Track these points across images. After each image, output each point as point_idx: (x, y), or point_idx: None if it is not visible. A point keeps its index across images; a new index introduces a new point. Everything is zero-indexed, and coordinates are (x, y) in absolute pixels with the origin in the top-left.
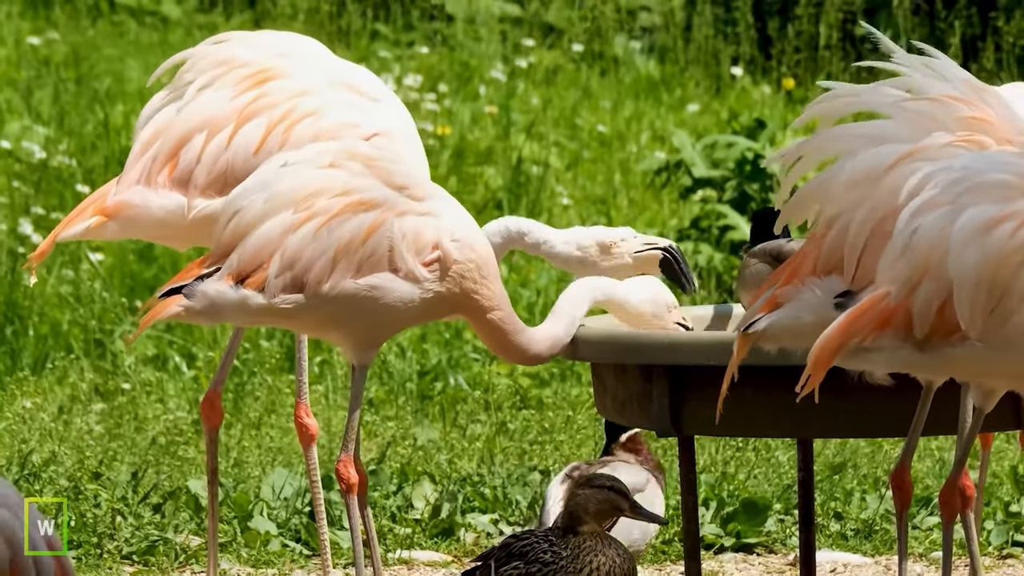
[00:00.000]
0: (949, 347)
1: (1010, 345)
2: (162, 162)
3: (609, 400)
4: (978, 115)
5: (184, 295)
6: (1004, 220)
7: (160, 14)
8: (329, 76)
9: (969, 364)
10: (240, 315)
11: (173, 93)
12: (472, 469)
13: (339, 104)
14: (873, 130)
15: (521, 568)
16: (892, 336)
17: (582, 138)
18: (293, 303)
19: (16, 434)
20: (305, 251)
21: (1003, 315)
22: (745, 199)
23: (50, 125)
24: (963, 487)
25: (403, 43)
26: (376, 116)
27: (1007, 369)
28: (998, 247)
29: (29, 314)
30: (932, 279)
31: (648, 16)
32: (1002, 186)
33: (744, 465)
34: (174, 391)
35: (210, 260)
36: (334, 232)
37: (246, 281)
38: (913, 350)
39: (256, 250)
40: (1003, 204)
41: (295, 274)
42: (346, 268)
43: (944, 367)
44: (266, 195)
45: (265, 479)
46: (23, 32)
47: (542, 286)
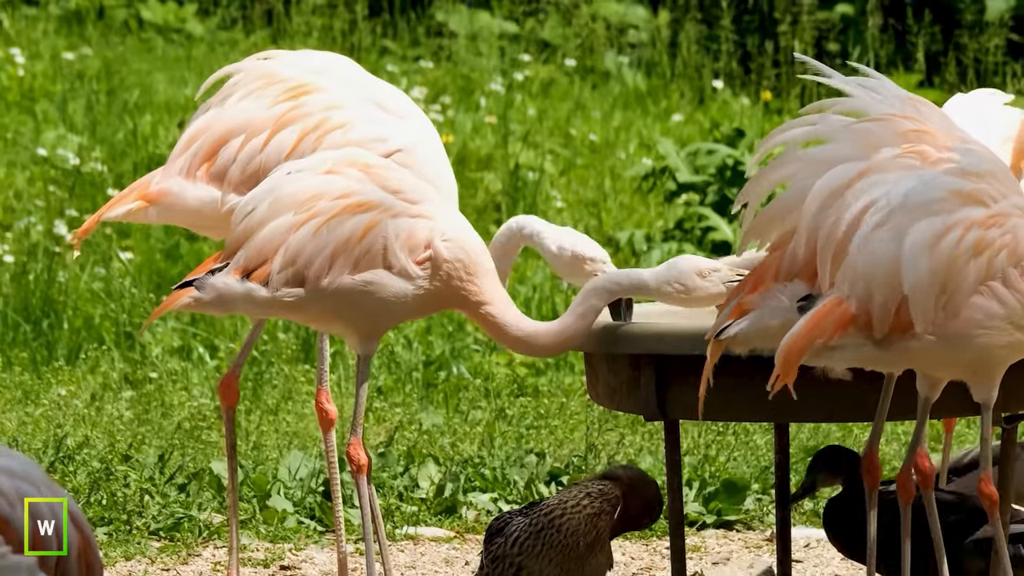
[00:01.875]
0: (904, 342)
1: (958, 337)
2: (202, 158)
3: (601, 387)
4: (918, 128)
5: (195, 287)
6: (949, 230)
7: (185, 31)
8: (361, 93)
9: (923, 357)
10: (246, 306)
11: (219, 99)
12: (473, 452)
13: (368, 119)
14: (826, 154)
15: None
16: (854, 335)
17: (575, 146)
18: (294, 296)
19: (52, 419)
20: (306, 248)
21: (952, 311)
22: (726, 202)
23: (83, 134)
24: (921, 468)
25: (410, 58)
26: (401, 132)
27: (955, 359)
28: (947, 254)
29: (64, 308)
30: (889, 286)
31: (636, 33)
32: (940, 201)
33: (725, 448)
34: (198, 380)
35: (222, 257)
36: (333, 231)
37: (251, 275)
38: (873, 347)
39: (261, 247)
40: (945, 216)
41: (296, 269)
42: (344, 264)
43: (901, 360)
44: (271, 199)
45: (282, 461)
46: (59, 48)
47: (538, 283)
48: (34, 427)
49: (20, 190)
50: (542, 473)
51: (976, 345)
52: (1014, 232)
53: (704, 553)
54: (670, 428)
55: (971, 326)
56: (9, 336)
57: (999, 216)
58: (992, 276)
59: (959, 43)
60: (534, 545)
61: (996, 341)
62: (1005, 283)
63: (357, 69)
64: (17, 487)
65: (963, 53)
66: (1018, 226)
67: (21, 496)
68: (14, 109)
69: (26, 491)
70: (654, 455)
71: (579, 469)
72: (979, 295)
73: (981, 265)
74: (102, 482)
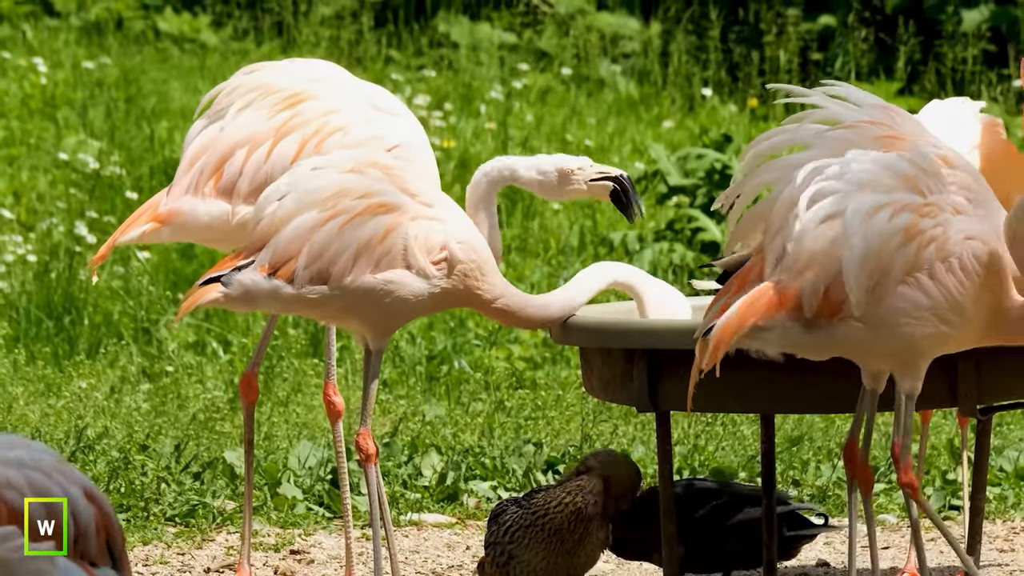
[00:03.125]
0: (832, 327)
1: (884, 324)
2: (208, 174)
3: (596, 380)
4: (890, 133)
5: (222, 283)
6: (883, 207)
7: (199, 41)
8: (353, 96)
9: (848, 343)
10: (271, 302)
11: (213, 116)
12: (474, 442)
13: (363, 120)
14: (803, 160)
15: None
16: (784, 317)
17: (571, 151)
18: (318, 294)
19: (73, 411)
20: (330, 247)
21: (879, 296)
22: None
23: (103, 139)
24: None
25: (413, 67)
26: (395, 129)
27: (880, 347)
28: (878, 230)
29: (84, 305)
30: (820, 264)
31: (629, 43)
32: (882, 179)
33: (713, 438)
34: (212, 373)
35: (244, 253)
36: (355, 231)
37: (277, 272)
38: (802, 330)
39: (287, 245)
40: (883, 194)
41: (320, 267)
42: (366, 264)
43: (828, 345)
44: (296, 195)
45: (292, 451)
46: (79, 58)
47: (536, 281)
48: (56, 418)
49: (42, 193)
50: (539, 462)
51: (901, 334)
52: (944, 227)
53: None
54: (661, 419)
55: (896, 314)
56: (32, 332)
57: (933, 207)
58: (920, 267)
59: (938, 53)
60: (523, 537)
61: (920, 332)
62: (931, 276)
63: (346, 74)
64: (28, 476)
65: (941, 62)
66: (949, 222)
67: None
68: (37, 116)
69: (36, 479)
70: (646, 445)
71: (575, 458)
72: (906, 285)
73: (910, 253)
74: (121, 471)
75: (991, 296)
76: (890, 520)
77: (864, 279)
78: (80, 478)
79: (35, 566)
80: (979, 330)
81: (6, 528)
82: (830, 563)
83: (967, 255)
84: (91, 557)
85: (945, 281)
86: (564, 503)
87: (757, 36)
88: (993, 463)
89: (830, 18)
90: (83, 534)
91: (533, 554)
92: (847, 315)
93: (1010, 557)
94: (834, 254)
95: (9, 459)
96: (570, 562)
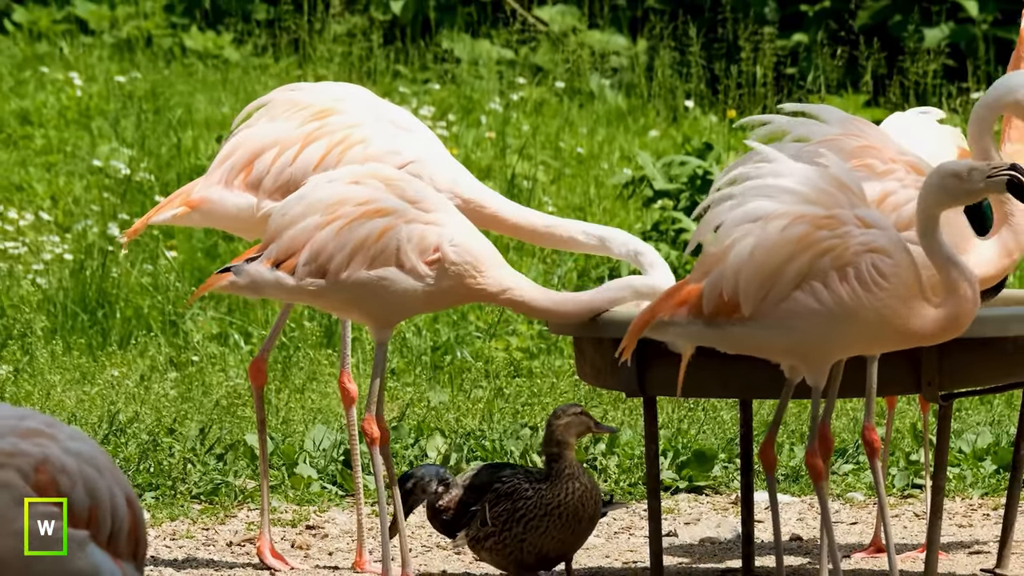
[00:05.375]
0: (730, 326)
1: (778, 326)
2: (239, 169)
3: (588, 367)
4: (862, 144)
5: (233, 272)
6: (777, 217)
7: (222, 57)
8: (376, 113)
9: (746, 341)
10: (275, 292)
11: (253, 123)
12: (475, 426)
13: (383, 135)
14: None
15: (509, 506)
16: (686, 314)
17: (564, 158)
18: (316, 286)
19: (106, 397)
20: (328, 245)
21: (774, 300)
22: (696, 207)
23: (133, 147)
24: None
25: (419, 81)
26: (411, 144)
27: (777, 346)
28: (771, 239)
29: (116, 300)
30: (717, 266)
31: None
32: (789, 191)
33: (695, 422)
34: (234, 362)
35: (258, 249)
36: (353, 231)
37: (281, 265)
38: (703, 327)
39: (290, 242)
40: (781, 204)
41: (319, 263)
42: (361, 261)
43: (727, 343)
44: (304, 202)
45: (307, 434)
46: (111, 72)
47: (531, 278)
48: (90, 404)
49: (78, 197)
50: (535, 444)
51: (794, 337)
52: (844, 238)
53: (677, 514)
54: (648, 404)
55: (790, 317)
56: (68, 324)
57: (833, 220)
58: (814, 275)
59: (901, 68)
60: (538, 527)
61: (813, 335)
62: (825, 284)
63: (370, 95)
64: (82, 469)
65: (905, 76)
66: (851, 234)
67: (84, 478)
68: (73, 126)
69: (89, 474)
70: (633, 428)
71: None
72: (801, 291)
73: (803, 261)
74: (150, 452)
75: (901, 305)
76: (858, 498)
77: (753, 283)
78: (125, 484)
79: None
80: (894, 335)
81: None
82: (803, 537)
83: (865, 266)
84: (120, 554)
85: (838, 290)
86: (574, 490)
87: (735, 52)
88: (953, 445)
89: (802, 36)
90: (117, 532)
91: (547, 539)
92: (742, 316)
93: (968, 532)
94: (729, 258)
95: (71, 449)
96: (577, 537)
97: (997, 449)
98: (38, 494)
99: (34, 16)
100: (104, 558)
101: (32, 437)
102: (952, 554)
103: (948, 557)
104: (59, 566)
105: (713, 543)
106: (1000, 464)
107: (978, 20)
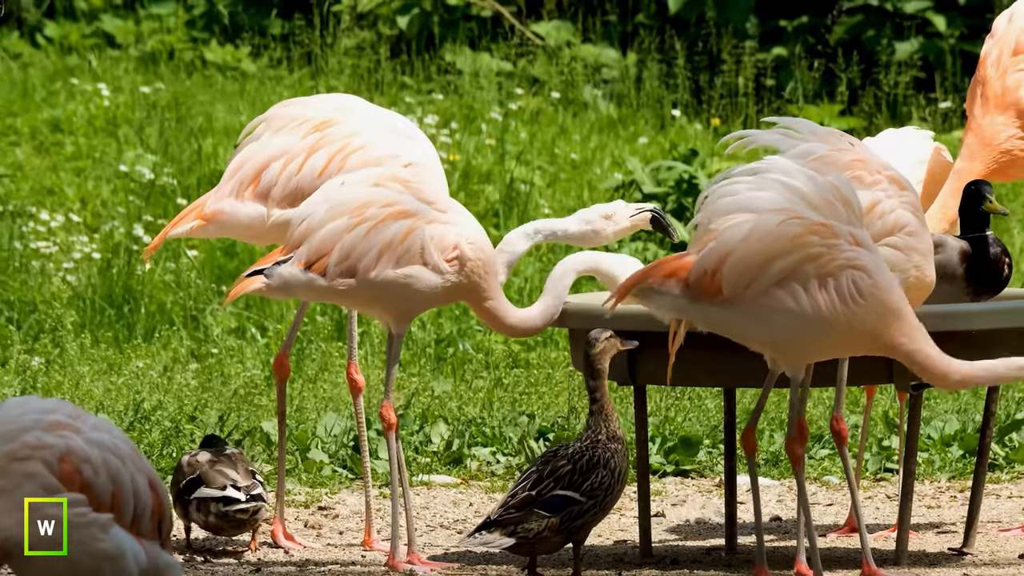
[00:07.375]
0: (711, 306)
1: (756, 316)
2: (248, 181)
3: (582, 358)
4: (851, 157)
5: (265, 275)
6: (779, 211)
7: (240, 69)
8: (373, 120)
9: (724, 324)
10: (306, 292)
11: (254, 139)
12: (476, 413)
13: (382, 141)
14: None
15: (603, 472)
16: (674, 285)
17: (559, 163)
18: (347, 285)
19: (131, 387)
20: (357, 246)
21: (756, 291)
22: (682, 209)
23: (157, 154)
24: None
25: (423, 91)
26: (409, 149)
27: (753, 335)
28: (767, 229)
29: (141, 296)
30: (713, 247)
31: (608, 71)
32: (796, 191)
33: (682, 410)
34: (251, 355)
35: (285, 252)
36: (380, 233)
37: (312, 267)
38: (687, 301)
39: (320, 244)
40: (784, 202)
41: (349, 263)
42: (388, 261)
43: (706, 321)
44: (329, 205)
45: (319, 421)
46: (137, 83)
47: (529, 275)
48: (117, 393)
49: (105, 200)
50: (532, 431)
51: (769, 330)
52: (832, 249)
53: (665, 496)
54: (638, 392)
55: (768, 311)
56: (96, 319)
57: (827, 229)
58: (796, 277)
59: (875, 79)
60: (592, 519)
61: (788, 333)
62: (805, 288)
63: (366, 103)
64: (105, 458)
65: (878, 87)
66: (839, 247)
67: (108, 467)
68: (100, 133)
69: (112, 463)
70: (624, 416)
71: (563, 428)
72: (781, 288)
73: (790, 260)
74: (172, 438)
75: (879, 324)
76: (833, 481)
77: (739, 266)
78: (148, 468)
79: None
80: (870, 348)
81: (77, 495)
82: (782, 517)
83: (846, 281)
84: (143, 533)
85: (816, 297)
86: (610, 470)
87: (718, 65)
88: (922, 432)
89: (782, 49)
90: (140, 515)
91: (600, 519)
92: (723, 299)
93: (936, 513)
94: (723, 236)
95: (94, 439)
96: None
97: (964, 435)
98: (63, 483)
99: (64, 31)
100: (127, 538)
101: (56, 429)
102: (922, 533)
103: (918, 536)
104: (84, 548)
105: (698, 523)
106: (966, 449)
107: (946, 35)
